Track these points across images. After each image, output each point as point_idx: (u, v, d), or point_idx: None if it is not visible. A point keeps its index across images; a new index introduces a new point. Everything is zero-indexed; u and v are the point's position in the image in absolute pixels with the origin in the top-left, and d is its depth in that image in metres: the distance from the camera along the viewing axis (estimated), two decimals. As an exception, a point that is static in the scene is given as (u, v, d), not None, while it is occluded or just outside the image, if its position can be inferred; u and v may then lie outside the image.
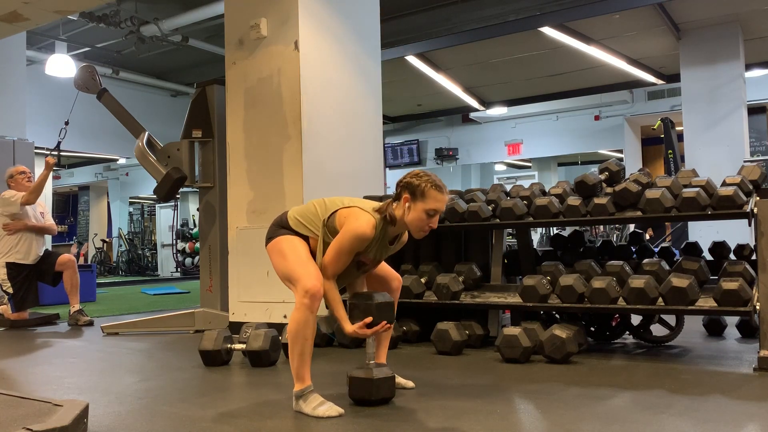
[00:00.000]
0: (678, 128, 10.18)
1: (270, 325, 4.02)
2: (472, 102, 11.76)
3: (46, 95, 10.60)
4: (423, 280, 4.23)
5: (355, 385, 2.69)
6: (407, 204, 2.64)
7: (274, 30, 4.76)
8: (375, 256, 2.77)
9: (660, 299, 3.50)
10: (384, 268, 2.96)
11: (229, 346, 3.76)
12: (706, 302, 3.45)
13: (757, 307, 3.30)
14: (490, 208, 4.18)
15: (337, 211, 2.70)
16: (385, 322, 2.66)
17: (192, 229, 16.33)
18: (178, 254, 16.19)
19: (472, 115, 14.38)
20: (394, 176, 16.18)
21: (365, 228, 2.61)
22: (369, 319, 2.62)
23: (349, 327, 2.65)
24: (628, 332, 4.23)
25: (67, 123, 6.04)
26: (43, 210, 6.33)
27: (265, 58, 4.79)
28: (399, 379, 3.00)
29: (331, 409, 2.54)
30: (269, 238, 2.81)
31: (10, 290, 5.89)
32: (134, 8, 9.14)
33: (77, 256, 15.09)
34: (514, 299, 3.97)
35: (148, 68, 11.97)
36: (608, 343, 4.21)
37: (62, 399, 2.32)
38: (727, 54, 8.68)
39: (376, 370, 2.70)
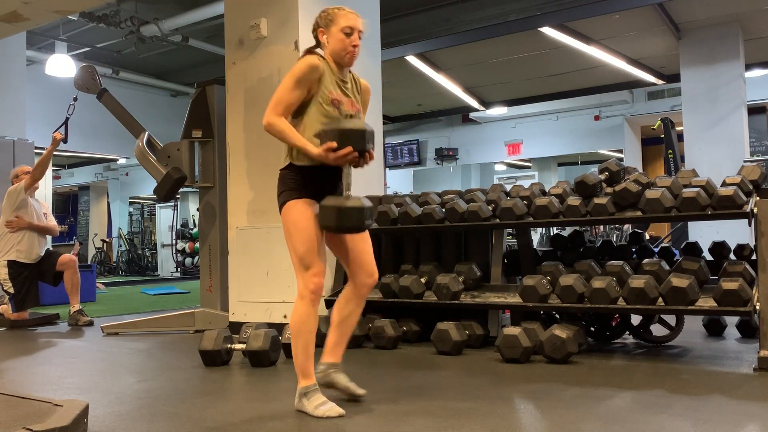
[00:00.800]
0: (678, 128, 10.18)
1: (270, 325, 4.01)
2: (472, 102, 11.76)
3: (46, 95, 10.61)
4: (423, 280, 4.23)
5: (324, 213, 2.57)
6: (324, 37, 2.68)
7: (274, 30, 4.76)
8: (341, 93, 2.66)
9: (660, 299, 3.50)
10: (364, 256, 2.76)
11: (229, 346, 3.76)
12: (706, 302, 3.45)
13: (757, 307, 3.30)
14: (490, 208, 4.18)
15: None
16: (351, 148, 2.51)
17: (192, 229, 16.33)
18: (178, 254, 16.19)
19: (472, 115, 14.39)
20: (395, 176, 16.26)
21: (307, 58, 2.62)
22: (333, 144, 2.51)
23: (314, 150, 2.54)
24: (628, 332, 4.23)
25: (75, 99, 6.01)
26: (46, 211, 6.34)
27: (265, 58, 4.79)
28: (351, 384, 2.77)
29: (332, 410, 2.53)
30: (279, 205, 2.70)
31: (11, 290, 5.89)
32: (134, 8, 9.14)
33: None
34: (514, 299, 3.97)
35: (148, 68, 11.98)
36: (608, 343, 4.21)
37: (62, 399, 2.32)
38: (727, 54, 8.68)
39: (349, 200, 2.57)
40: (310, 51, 2.73)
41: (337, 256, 2.88)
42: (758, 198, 3.42)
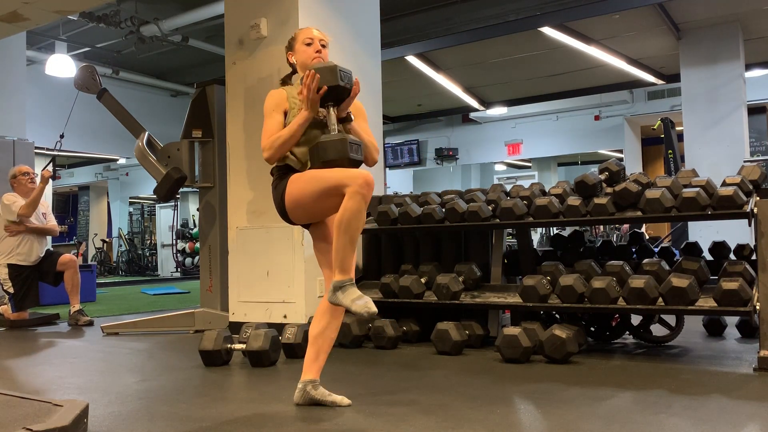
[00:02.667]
0: (678, 128, 10.18)
1: (270, 325, 4.01)
2: (472, 102, 11.76)
3: (46, 95, 10.60)
4: (423, 280, 4.23)
5: (325, 147, 2.55)
6: (292, 57, 2.87)
7: (274, 30, 4.76)
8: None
9: (660, 299, 3.50)
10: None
11: (229, 346, 3.76)
12: (706, 302, 3.45)
13: (757, 307, 3.30)
14: (490, 208, 4.18)
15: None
16: (312, 74, 2.58)
17: (192, 229, 16.33)
18: (178, 254, 16.19)
19: (472, 115, 14.39)
20: (394, 176, 16.26)
21: (270, 92, 2.78)
22: (307, 81, 2.59)
23: (302, 111, 2.63)
24: (628, 332, 4.23)
25: (62, 136, 6.08)
26: (45, 211, 6.32)
27: (265, 58, 4.79)
28: (334, 397, 2.71)
29: (367, 304, 2.46)
30: (280, 193, 2.70)
31: (11, 290, 5.89)
32: (134, 8, 9.14)
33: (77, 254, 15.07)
34: (514, 299, 3.97)
35: (148, 68, 11.97)
36: (608, 343, 4.21)
37: (62, 399, 2.32)
38: (727, 54, 8.68)
39: (343, 134, 2.60)
40: (284, 80, 2.92)
41: (320, 264, 2.85)
42: (758, 198, 3.42)
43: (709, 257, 4.20)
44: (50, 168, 6.09)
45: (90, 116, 8.36)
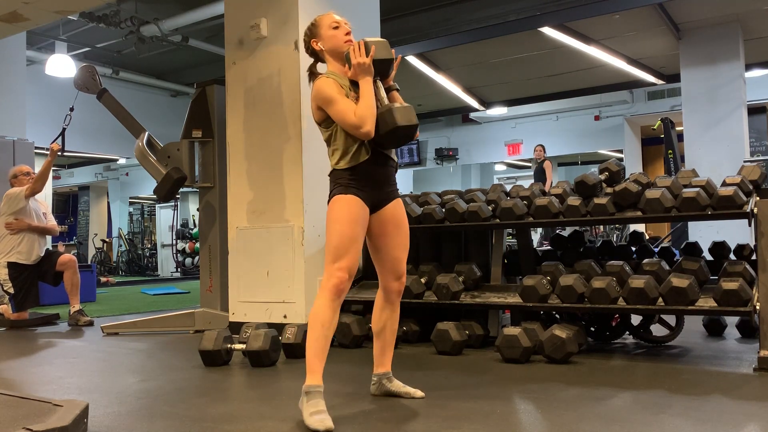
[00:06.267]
0: (678, 128, 10.19)
1: (270, 325, 4.02)
2: (472, 102, 11.76)
3: (46, 95, 10.61)
4: (423, 280, 4.23)
5: (393, 113, 2.61)
6: (319, 45, 2.80)
7: (274, 30, 4.75)
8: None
9: (660, 299, 3.50)
10: (398, 263, 2.81)
11: (229, 346, 3.76)
12: (706, 302, 3.45)
13: (757, 307, 3.30)
14: (490, 208, 4.18)
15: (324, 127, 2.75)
16: (363, 43, 2.66)
17: (192, 229, 16.32)
18: (178, 254, 16.19)
19: (472, 115, 14.39)
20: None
21: (322, 80, 2.67)
22: (361, 58, 2.64)
23: (367, 77, 2.65)
24: (628, 332, 4.23)
25: (72, 109, 6.05)
26: (45, 211, 6.34)
27: (265, 58, 4.79)
28: (408, 388, 2.84)
29: (322, 422, 2.38)
30: (328, 202, 2.75)
31: (11, 290, 5.89)
32: (134, 8, 9.15)
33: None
34: (514, 299, 3.97)
35: (148, 68, 11.98)
36: (608, 343, 4.21)
37: (62, 399, 2.32)
38: (727, 54, 8.68)
39: (397, 104, 2.67)
40: (312, 71, 2.83)
41: (374, 263, 2.86)
42: (758, 198, 3.42)
43: (709, 257, 4.20)
44: (59, 141, 6.05)
45: (90, 116, 8.35)
